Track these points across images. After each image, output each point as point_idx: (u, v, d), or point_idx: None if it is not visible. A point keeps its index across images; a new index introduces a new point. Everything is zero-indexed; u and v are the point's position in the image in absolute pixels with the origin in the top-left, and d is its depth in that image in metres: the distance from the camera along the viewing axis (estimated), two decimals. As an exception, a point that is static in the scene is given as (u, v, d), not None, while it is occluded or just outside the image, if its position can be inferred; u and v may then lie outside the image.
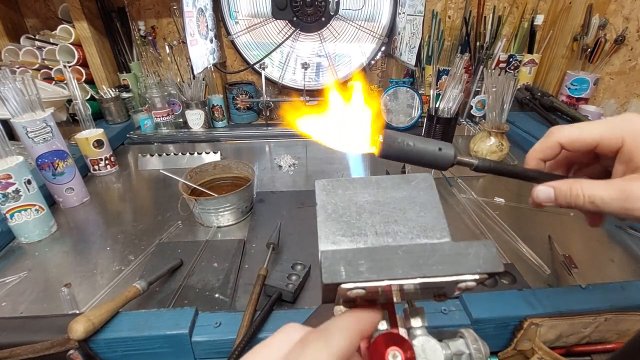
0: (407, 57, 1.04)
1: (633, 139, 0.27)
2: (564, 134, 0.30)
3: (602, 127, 0.28)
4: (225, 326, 0.47)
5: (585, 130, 0.29)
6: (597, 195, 0.27)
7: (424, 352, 0.23)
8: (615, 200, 0.26)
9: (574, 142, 0.29)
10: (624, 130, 0.27)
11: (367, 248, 0.22)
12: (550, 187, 0.29)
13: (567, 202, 0.28)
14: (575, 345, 0.50)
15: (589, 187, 0.27)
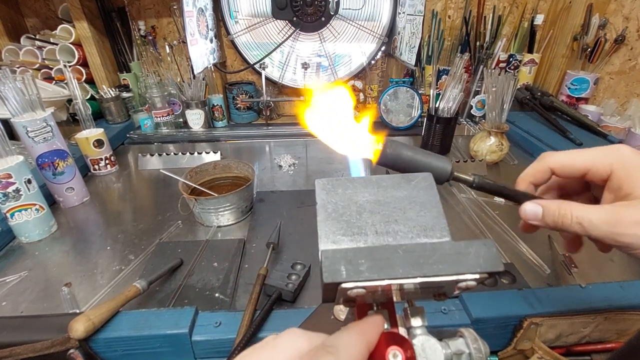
0: (407, 56, 1.04)
1: (622, 167, 0.27)
2: (555, 159, 0.30)
3: (593, 155, 0.29)
4: (225, 326, 0.47)
5: (576, 157, 0.29)
6: (586, 217, 0.27)
7: (424, 352, 0.23)
8: (604, 223, 0.26)
9: (565, 168, 0.30)
10: (613, 159, 0.28)
11: (367, 247, 0.22)
12: (539, 205, 0.29)
13: (554, 221, 0.28)
14: (575, 345, 0.50)
15: (578, 209, 0.27)
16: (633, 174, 0.27)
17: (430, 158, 0.28)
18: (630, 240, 0.26)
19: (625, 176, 0.27)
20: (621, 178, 0.27)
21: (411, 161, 0.28)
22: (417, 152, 0.28)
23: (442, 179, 0.28)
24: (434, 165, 0.28)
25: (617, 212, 0.26)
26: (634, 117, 0.99)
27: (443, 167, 0.28)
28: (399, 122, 1.13)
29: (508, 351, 0.49)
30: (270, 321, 0.47)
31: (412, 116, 1.12)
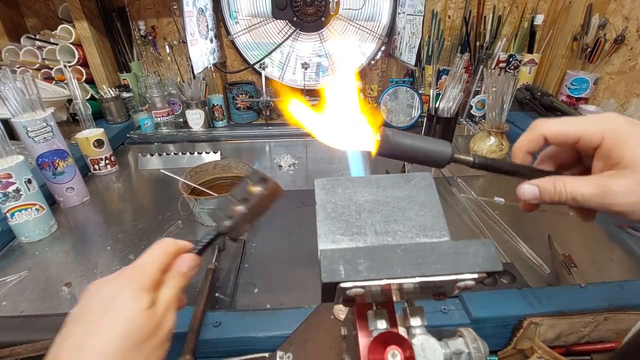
0: (407, 56, 1.04)
1: (612, 136, 0.27)
2: (547, 126, 0.30)
3: (585, 123, 0.29)
4: (225, 325, 0.47)
5: (568, 125, 0.30)
6: (578, 192, 0.27)
7: (424, 351, 0.23)
8: (594, 196, 0.27)
9: (557, 135, 0.30)
10: (604, 126, 0.28)
11: (366, 247, 0.22)
12: (535, 185, 0.30)
13: (551, 198, 0.29)
14: (574, 345, 0.50)
15: (571, 183, 0.28)
16: (622, 142, 0.27)
17: (429, 143, 0.28)
18: (622, 209, 0.26)
19: (615, 144, 0.27)
20: (610, 146, 0.27)
21: (411, 148, 0.28)
22: (416, 139, 0.28)
23: (443, 162, 0.28)
24: (434, 150, 0.28)
25: (606, 183, 0.27)
26: (634, 117, 0.99)
27: (443, 150, 0.27)
28: (399, 122, 1.13)
29: (508, 351, 0.49)
30: (271, 321, 0.47)
31: (412, 116, 1.12)
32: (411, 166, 0.87)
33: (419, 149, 0.28)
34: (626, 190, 0.26)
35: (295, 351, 0.39)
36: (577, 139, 0.29)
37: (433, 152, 0.28)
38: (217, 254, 0.61)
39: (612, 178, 0.26)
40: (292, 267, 0.60)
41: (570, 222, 0.70)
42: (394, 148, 0.27)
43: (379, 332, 0.24)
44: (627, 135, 0.27)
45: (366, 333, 0.25)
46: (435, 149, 0.28)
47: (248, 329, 0.46)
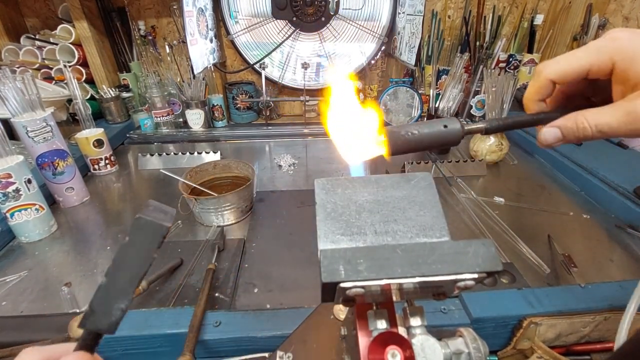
0: (407, 56, 1.04)
1: (623, 57, 0.26)
2: (552, 69, 0.29)
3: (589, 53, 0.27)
4: (225, 325, 0.47)
5: (572, 61, 0.28)
6: (604, 122, 0.26)
7: (423, 351, 0.23)
8: (623, 124, 0.25)
9: (565, 76, 0.28)
10: (610, 50, 0.26)
11: (366, 247, 0.22)
12: (556, 127, 0.28)
13: (576, 136, 0.27)
14: (574, 345, 0.50)
15: (594, 116, 0.26)
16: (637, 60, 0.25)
17: (437, 125, 0.27)
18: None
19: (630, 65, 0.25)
20: (626, 68, 0.25)
21: (420, 137, 0.27)
22: (422, 126, 0.27)
23: (457, 139, 0.27)
24: (443, 130, 0.27)
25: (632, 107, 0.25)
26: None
27: (452, 127, 0.27)
28: (399, 122, 1.13)
29: (507, 351, 0.49)
30: (271, 321, 0.47)
31: (412, 116, 1.12)
32: (411, 166, 0.87)
33: (429, 135, 0.27)
34: None
35: (295, 351, 0.39)
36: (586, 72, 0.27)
37: (443, 133, 0.27)
38: (217, 254, 0.61)
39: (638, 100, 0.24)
40: (292, 267, 0.60)
41: (570, 222, 0.70)
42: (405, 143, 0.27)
43: (379, 332, 0.24)
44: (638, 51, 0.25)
45: (366, 333, 0.25)
46: (444, 130, 0.27)
47: (248, 329, 0.46)
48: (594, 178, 0.79)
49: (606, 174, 0.79)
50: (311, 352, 0.39)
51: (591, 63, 0.27)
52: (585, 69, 0.27)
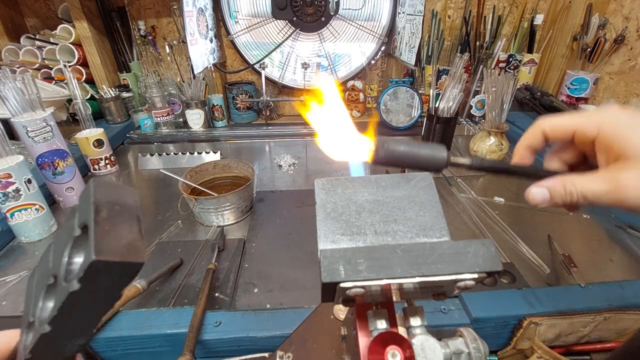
0: (407, 56, 1.04)
1: (608, 126, 0.27)
2: (546, 121, 0.31)
3: (581, 117, 0.29)
4: (225, 325, 0.47)
5: (565, 119, 0.30)
6: (589, 190, 0.27)
7: (423, 351, 0.23)
8: (605, 193, 0.26)
9: (555, 129, 0.30)
10: (600, 118, 0.27)
11: (366, 247, 0.22)
12: (545, 188, 0.29)
13: (563, 200, 0.28)
14: (574, 345, 0.50)
15: (580, 182, 0.27)
16: (620, 132, 0.26)
17: (425, 148, 0.28)
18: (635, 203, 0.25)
19: (613, 135, 0.26)
20: (609, 138, 0.27)
21: (406, 155, 0.28)
22: (411, 145, 0.28)
23: (440, 167, 0.28)
24: (429, 155, 0.28)
25: (615, 178, 0.26)
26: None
27: (438, 155, 0.27)
28: (399, 122, 1.13)
29: (507, 351, 0.49)
30: (271, 321, 0.47)
31: (412, 116, 1.12)
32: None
33: (414, 156, 0.28)
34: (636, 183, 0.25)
35: (295, 351, 0.39)
36: (573, 132, 0.29)
37: (429, 157, 0.28)
38: (217, 254, 0.61)
39: (620, 171, 0.26)
40: (292, 267, 0.60)
41: (570, 222, 0.70)
42: (389, 156, 0.27)
43: (379, 332, 0.24)
44: (625, 124, 0.26)
45: (366, 333, 0.25)
46: (430, 154, 0.28)
47: (248, 329, 0.46)
48: (594, 178, 0.79)
49: (606, 174, 0.79)
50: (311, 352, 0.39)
51: (580, 124, 0.28)
52: (573, 128, 0.29)
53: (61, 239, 0.18)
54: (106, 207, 0.16)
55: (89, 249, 0.15)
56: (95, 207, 0.16)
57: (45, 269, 0.18)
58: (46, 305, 0.18)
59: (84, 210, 0.16)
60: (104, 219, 0.16)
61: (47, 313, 0.17)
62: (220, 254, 0.62)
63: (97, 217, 0.16)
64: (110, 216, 0.16)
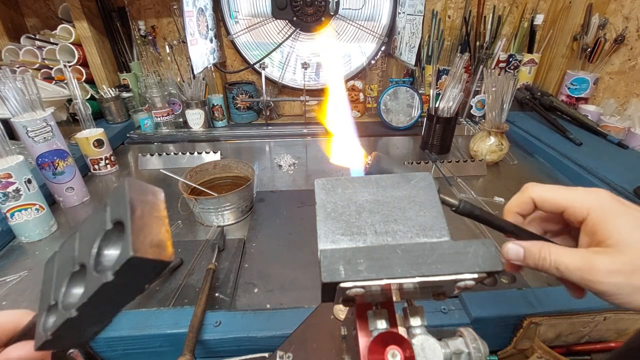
0: (407, 56, 1.04)
1: (598, 212, 0.27)
2: (537, 190, 0.31)
3: (574, 194, 0.29)
4: (225, 325, 0.47)
5: (557, 193, 0.30)
6: (563, 262, 0.27)
7: (423, 351, 0.23)
8: (577, 270, 0.26)
9: (545, 202, 0.30)
10: (592, 202, 0.28)
11: (366, 247, 0.22)
12: (521, 247, 0.30)
13: (535, 263, 0.29)
14: (574, 345, 0.50)
15: (557, 252, 0.28)
16: (608, 220, 0.27)
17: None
18: (603, 288, 0.25)
19: (601, 222, 0.27)
20: (596, 223, 0.27)
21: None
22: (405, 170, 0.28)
23: None
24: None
25: (591, 259, 0.26)
26: (634, 117, 0.99)
27: None
28: (399, 122, 1.13)
29: (508, 351, 0.49)
30: (271, 321, 0.47)
31: (412, 116, 1.12)
32: (411, 166, 0.87)
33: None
34: (610, 269, 0.25)
35: (295, 351, 0.39)
36: (564, 209, 0.29)
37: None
38: (217, 254, 0.61)
39: (598, 255, 0.26)
40: (292, 267, 0.60)
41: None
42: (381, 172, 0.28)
43: (379, 332, 0.24)
44: (613, 213, 0.27)
45: (366, 333, 0.25)
46: None
47: (248, 329, 0.46)
48: (594, 178, 0.79)
49: (606, 174, 0.79)
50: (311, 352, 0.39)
51: (571, 203, 0.29)
52: (564, 206, 0.29)
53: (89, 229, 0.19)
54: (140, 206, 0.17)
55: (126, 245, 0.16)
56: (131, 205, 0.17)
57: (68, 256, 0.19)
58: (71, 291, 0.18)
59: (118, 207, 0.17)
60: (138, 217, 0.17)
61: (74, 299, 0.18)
62: (220, 254, 0.62)
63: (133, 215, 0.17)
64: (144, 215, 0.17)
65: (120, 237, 0.17)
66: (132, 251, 0.16)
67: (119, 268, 0.16)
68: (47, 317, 0.19)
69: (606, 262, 0.25)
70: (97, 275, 0.17)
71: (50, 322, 0.19)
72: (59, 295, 0.18)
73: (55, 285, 0.19)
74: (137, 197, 0.17)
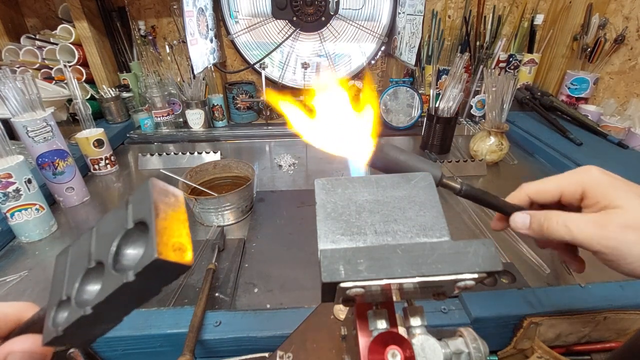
0: (407, 56, 1.04)
1: (592, 184, 0.29)
2: (530, 186, 0.32)
3: (563, 178, 0.30)
4: (225, 325, 0.47)
5: (548, 183, 0.31)
6: (573, 222, 0.28)
7: (423, 351, 0.23)
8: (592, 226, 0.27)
9: (539, 194, 0.31)
10: (583, 179, 0.29)
11: (366, 247, 0.22)
12: (527, 214, 0.31)
13: (540, 225, 0.29)
14: (574, 344, 0.50)
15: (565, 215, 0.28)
16: (605, 189, 0.28)
17: (421, 163, 0.28)
18: (615, 243, 0.26)
19: (599, 192, 0.28)
20: (595, 194, 0.28)
21: (403, 164, 0.28)
22: (410, 157, 0.28)
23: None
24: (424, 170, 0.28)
25: (604, 216, 0.27)
26: (634, 117, 0.99)
27: (432, 172, 0.28)
28: (399, 122, 1.13)
29: (508, 350, 0.49)
30: (271, 321, 0.47)
31: (412, 116, 1.12)
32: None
33: (411, 167, 0.28)
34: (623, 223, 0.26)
35: (295, 351, 0.39)
36: (560, 195, 0.30)
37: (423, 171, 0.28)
38: (217, 254, 0.61)
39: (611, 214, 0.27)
40: (292, 267, 0.60)
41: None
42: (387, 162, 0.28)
43: (379, 332, 0.24)
44: (607, 184, 0.28)
45: (366, 333, 0.25)
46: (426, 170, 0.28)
47: (248, 329, 0.46)
48: (594, 178, 0.79)
49: (606, 174, 0.78)
50: (311, 352, 0.39)
51: (565, 187, 0.30)
52: (558, 191, 0.30)
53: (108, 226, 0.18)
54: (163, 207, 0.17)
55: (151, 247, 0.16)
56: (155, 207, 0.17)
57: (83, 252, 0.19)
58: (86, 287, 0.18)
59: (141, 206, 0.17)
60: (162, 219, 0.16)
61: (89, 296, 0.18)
62: (221, 254, 0.62)
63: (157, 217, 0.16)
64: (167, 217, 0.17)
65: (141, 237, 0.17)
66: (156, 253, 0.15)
67: (141, 269, 0.16)
68: (57, 313, 0.18)
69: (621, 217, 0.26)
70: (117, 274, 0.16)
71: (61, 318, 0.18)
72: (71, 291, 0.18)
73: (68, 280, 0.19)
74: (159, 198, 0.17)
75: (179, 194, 0.18)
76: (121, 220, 0.17)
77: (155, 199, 0.17)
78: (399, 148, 0.29)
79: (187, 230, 0.18)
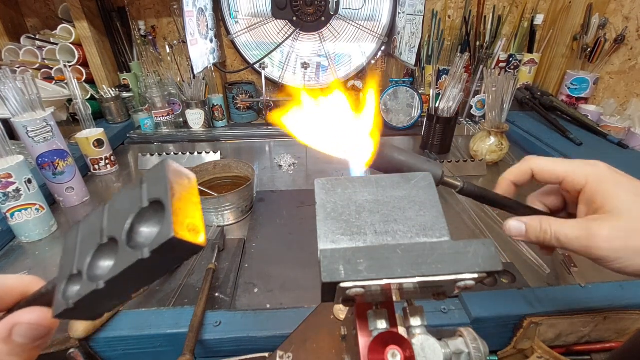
0: (407, 56, 1.04)
1: (595, 181, 0.28)
2: (537, 161, 0.32)
3: (572, 165, 0.30)
4: (225, 325, 0.47)
5: (556, 164, 0.31)
6: (562, 233, 0.28)
7: (423, 351, 0.23)
8: (577, 238, 0.27)
9: (544, 172, 0.31)
10: (589, 171, 0.29)
11: (366, 247, 0.22)
12: (522, 223, 0.31)
13: (537, 237, 0.30)
14: (574, 344, 0.50)
15: (557, 224, 0.29)
16: (605, 187, 0.28)
17: (422, 163, 0.28)
18: (603, 254, 0.26)
19: (598, 189, 0.28)
20: (594, 191, 0.28)
21: (404, 165, 0.28)
22: (410, 157, 0.28)
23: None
24: (425, 169, 0.28)
25: (589, 227, 0.27)
26: (634, 117, 0.99)
27: (433, 171, 0.28)
28: (399, 122, 1.13)
29: (508, 350, 0.49)
30: (271, 321, 0.47)
31: (412, 116, 1.12)
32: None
33: (411, 167, 0.28)
34: (609, 235, 0.26)
35: (295, 351, 0.39)
36: (562, 179, 0.30)
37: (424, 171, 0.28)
38: (217, 254, 0.61)
39: (596, 222, 0.27)
40: (292, 267, 0.60)
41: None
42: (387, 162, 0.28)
43: (379, 332, 0.24)
44: (610, 181, 0.28)
45: (366, 333, 0.25)
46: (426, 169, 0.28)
47: (248, 329, 0.46)
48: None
49: (606, 174, 0.79)
50: (311, 352, 0.39)
51: (570, 173, 0.30)
52: (562, 175, 0.30)
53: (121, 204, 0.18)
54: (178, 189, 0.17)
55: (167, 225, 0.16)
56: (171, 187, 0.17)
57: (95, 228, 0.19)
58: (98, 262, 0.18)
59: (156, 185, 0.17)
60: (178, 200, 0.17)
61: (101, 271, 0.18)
62: (221, 254, 0.62)
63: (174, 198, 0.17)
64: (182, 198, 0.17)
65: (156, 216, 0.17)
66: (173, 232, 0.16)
67: (157, 247, 0.16)
68: (68, 286, 0.19)
69: (605, 227, 0.26)
70: (132, 251, 0.17)
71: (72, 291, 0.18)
72: (83, 266, 0.18)
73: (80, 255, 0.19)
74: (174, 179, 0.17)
75: (192, 177, 0.19)
76: (135, 199, 0.18)
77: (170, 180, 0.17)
78: (399, 148, 0.29)
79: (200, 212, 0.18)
